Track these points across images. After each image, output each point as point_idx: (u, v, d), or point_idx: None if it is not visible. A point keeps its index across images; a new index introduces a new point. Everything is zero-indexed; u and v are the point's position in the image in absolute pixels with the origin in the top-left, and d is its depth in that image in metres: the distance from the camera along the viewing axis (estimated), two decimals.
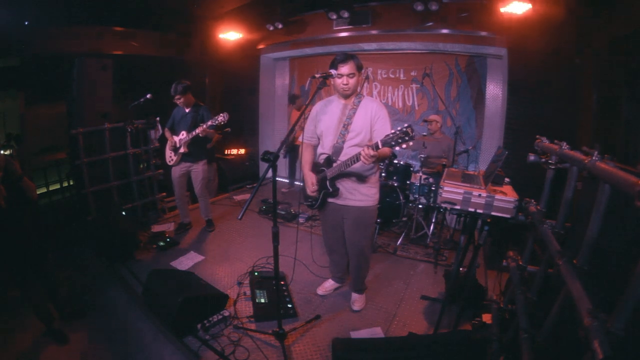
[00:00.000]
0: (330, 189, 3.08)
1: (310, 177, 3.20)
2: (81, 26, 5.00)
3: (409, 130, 2.36)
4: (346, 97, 3.03)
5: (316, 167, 3.23)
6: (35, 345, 3.08)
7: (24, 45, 4.53)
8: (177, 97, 4.56)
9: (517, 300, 2.17)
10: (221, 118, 4.21)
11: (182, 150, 4.64)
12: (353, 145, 2.98)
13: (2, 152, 2.82)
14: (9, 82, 6.47)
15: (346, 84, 2.90)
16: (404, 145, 2.39)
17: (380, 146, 2.49)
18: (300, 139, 3.38)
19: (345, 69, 2.86)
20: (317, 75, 2.77)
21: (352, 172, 3.01)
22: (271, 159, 2.40)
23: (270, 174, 2.44)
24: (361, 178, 3.06)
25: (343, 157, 2.97)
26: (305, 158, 3.30)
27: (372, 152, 2.56)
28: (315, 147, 3.32)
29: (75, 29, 4.94)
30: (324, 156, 3.14)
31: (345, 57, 2.86)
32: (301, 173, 3.35)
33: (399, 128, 2.39)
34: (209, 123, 4.29)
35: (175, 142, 4.70)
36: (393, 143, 2.41)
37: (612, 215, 1.42)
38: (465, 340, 2.40)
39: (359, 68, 2.94)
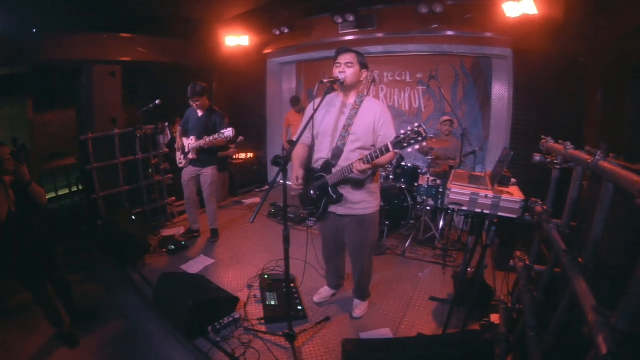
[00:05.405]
0: (334, 196, 2.91)
1: (297, 172, 2.97)
2: (89, 33, 5.07)
3: (421, 130, 2.23)
4: (344, 90, 2.89)
5: (313, 173, 3.04)
6: (45, 348, 3.12)
7: (32, 52, 4.60)
8: (194, 99, 4.48)
9: (524, 300, 2.18)
10: (227, 133, 4.17)
11: (190, 156, 4.65)
12: (355, 149, 2.83)
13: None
14: (18, 88, 6.60)
15: (342, 72, 2.74)
16: (417, 147, 2.29)
17: (391, 148, 2.37)
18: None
19: (344, 58, 2.75)
20: (324, 81, 2.68)
21: (352, 178, 2.85)
22: (282, 163, 2.44)
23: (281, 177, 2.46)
24: (360, 185, 2.91)
25: (343, 162, 2.82)
26: (297, 153, 3.05)
27: (364, 166, 2.49)
28: (309, 147, 3.14)
29: (83, 35, 5.01)
30: (321, 161, 2.96)
31: (348, 49, 2.78)
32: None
33: (409, 128, 2.26)
34: (215, 137, 4.27)
35: (185, 146, 4.71)
36: (405, 144, 2.29)
37: (616, 213, 1.43)
38: (474, 340, 2.42)
39: (361, 63, 2.81)
